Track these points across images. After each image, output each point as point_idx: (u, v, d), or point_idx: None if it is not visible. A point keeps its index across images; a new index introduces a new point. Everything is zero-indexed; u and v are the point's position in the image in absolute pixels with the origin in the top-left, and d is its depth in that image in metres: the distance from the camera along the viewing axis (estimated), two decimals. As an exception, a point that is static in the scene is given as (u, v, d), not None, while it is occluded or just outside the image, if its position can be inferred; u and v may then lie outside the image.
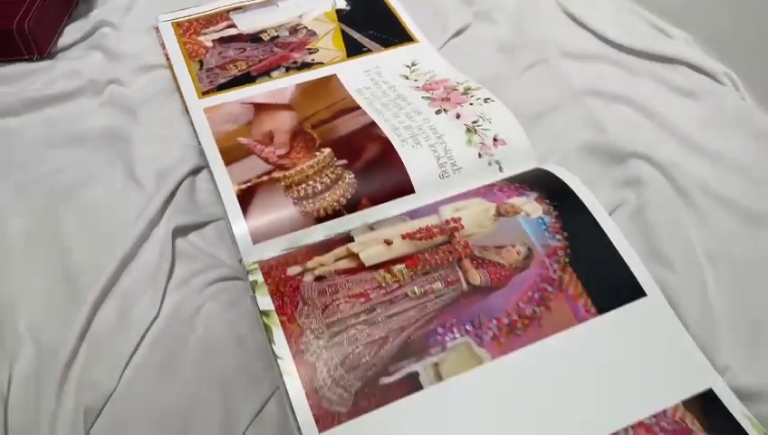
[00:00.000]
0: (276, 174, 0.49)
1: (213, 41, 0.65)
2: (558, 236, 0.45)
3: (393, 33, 0.65)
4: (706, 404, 0.38)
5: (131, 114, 0.57)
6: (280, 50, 0.64)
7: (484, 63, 0.61)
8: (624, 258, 0.44)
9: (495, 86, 0.57)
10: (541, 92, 0.58)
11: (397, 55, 0.63)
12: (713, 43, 0.59)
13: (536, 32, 0.63)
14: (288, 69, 0.61)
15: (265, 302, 0.42)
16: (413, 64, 0.61)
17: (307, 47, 0.64)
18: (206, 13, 0.69)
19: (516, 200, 0.47)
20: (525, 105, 0.56)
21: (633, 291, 0.42)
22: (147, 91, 0.60)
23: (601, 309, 0.42)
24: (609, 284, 0.43)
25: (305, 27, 0.66)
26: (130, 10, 0.69)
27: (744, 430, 0.37)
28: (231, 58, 0.63)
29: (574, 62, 0.60)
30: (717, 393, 0.38)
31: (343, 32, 0.66)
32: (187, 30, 0.67)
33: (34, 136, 0.55)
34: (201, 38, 0.66)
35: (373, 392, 0.38)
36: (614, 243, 0.44)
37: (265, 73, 0.60)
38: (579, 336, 0.41)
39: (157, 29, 0.67)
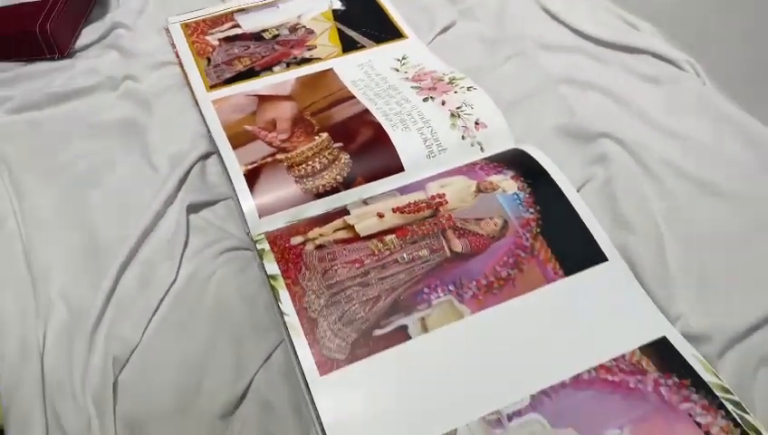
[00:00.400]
0: (279, 156, 0.55)
1: (219, 40, 0.70)
2: (531, 210, 0.50)
3: (385, 31, 0.70)
4: (660, 348, 0.43)
5: (146, 107, 0.62)
6: (281, 47, 0.69)
7: (468, 56, 0.67)
8: (589, 228, 0.49)
9: (478, 76, 0.62)
10: (519, 81, 0.63)
11: (388, 50, 0.68)
12: (677, 34, 0.64)
13: (516, 27, 0.68)
14: (288, 64, 0.67)
15: (272, 267, 0.47)
16: (403, 58, 0.67)
17: (306, 44, 0.69)
18: (213, 14, 0.75)
19: (495, 178, 0.52)
20: (505, 93, 0.61)
21: (596, 256, 0.48)
22: (159, 85, 0.65)
23: (568, 272, 0.47)
24: (575, 250, 0.48)
25: (304, 26, 0.72)
26: (142, 13, 0.74)
27: (692, 367, 0.42)
28: (236, 55, 0.68)
29: (550, 53, 0.65)
30: (670, 339, 0.44)
31: (339, 30, 0.71)
32: (195, 30, 0.72)
33: (58, 127, 0.61)
34: (208, 38, 0.71)
35: (367, 342, 0.43)
36: (580, 215, 0.50)
37: (268, 68, 0.66)
38: (548, 294, 0.46)
39: (167, 30, 0.72)
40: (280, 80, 0.64)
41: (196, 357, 0.44)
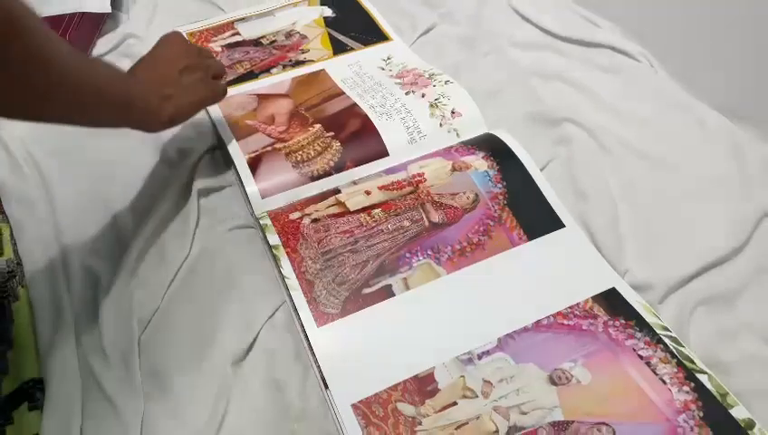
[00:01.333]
0: (278, 145, 0.62)
1: (221, 47, 0.78)
2: (499, 185, 0.57)
3: (371, 34, 0.78)
4: (610, 297, 0.50)
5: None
6: (278, 51, 0.76)
7: (448, 55, 0.74)
8: (548, 200, 0.56)
9: (456, 72, 0.69)
10: (493, 75, 0.70)
11: (375, 52, 0.75)
12: (633, 29, 0.72)
13: (490, 28, 0.75)
14: (285, 66, 0.74)
15: (274, 238, 0.54)
16: (388, 58, 0.74)
17: (300, 48, 0.76)
18: (215, 24, 0.82)
19: (468, 158, 0.59)
20: (480, 86, 0.68)
21: (555, 223, 0.55)
22: (169, 88, 0.72)
23: (531, 237, 0.54)
24: (536, 219, 0.55)
25: (298, 32, 0.79)
26: (151, 23, 0.82)
27: (636, 311, 0.48)
28: (237, 60, 0.76)
29: (520, 50, 0.73)
30: (618, 289, 0.50)
31: (330, 34, 0.78)
32: (199, 39, 0.80)
33: (80, 129, 0.68)
34: (211, 45, 0.78)
35: (357, 299, 0.50)
36: (541, 189, 0.57)
37: (266, 71, 0.73)
38: (513, 256, 0.53)
39: None
40: (277, 80, 0.71)
41: (208, 317, 0.51)
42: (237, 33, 0.80)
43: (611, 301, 0.50)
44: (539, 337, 0.48)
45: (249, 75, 0.73)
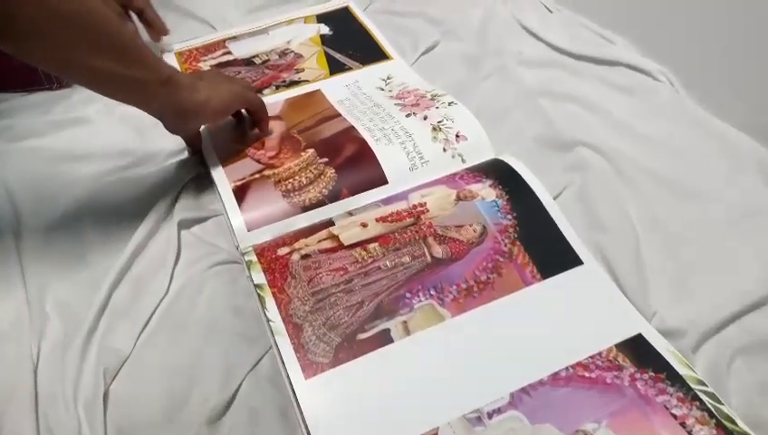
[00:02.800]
0: (267, 172, 0.57)
1: (211, 66, 0.73)
2: (508, 216, 0.52)
3: (370, 53, 0.73)
4: (636, 344, 0.44)
5: (141, 132, 0.65)
6: (270, 71, 0.72)
7: (451, 74, 0.69)
8: (564, 234, 0.51)
9: (460, 92, 0.65)
10: (499, 96, 0.66)
11: (373, 71, 0.71)
12: (651, 46, 0.67)
13: (496, 45, 0.71)
14: (278, 87, 0.69)
15: (259, 277, 0.49)
16: (388, 78, 0.69)
17: (295, 67, 0.72)
18: (205, 42, 0.78)
19: (474, 187, 0.54)
20: (486, 107, 0.63)
21: (572, 260, 0.49)
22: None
23: (545, 275, 0.48)
24: (551, 255, 0.50)
25: (293, 51, 0.75)
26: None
27: (667, 361, 0.43)
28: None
29: (528, 68, 0.68)
30: (645, 335, 0.45)
31: (326, 53, 0.74)
32: (189, 58, 0.75)
33: (57, 153, 0.63)
34: (200, 64, 0.74)
35: (351, 346, 0.45)
36: (556, 221, 0.51)
37: (258, 92, 0.68)
38: (526, 297, 0.47)
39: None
40: (270, 101, 0.67)
41: (185, 366, 0.45)
42: (229, 53, 0.75)
43: (638, 349, 0.44)
44: (557, 393, 0.42)
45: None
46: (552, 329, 0.46)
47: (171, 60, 0.75)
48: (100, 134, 0.65)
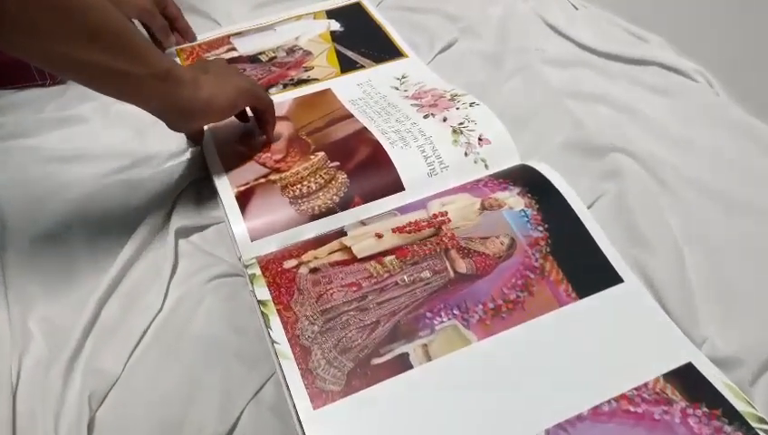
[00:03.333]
0: (273, 176, 0.52)
1: (215, 62, 0.69)
2: (539, 228, 0.47)
3: (384, 51, 0.69)
4: (687, 375, 0.39)
5: (138, 131, 0.60)
6: (277, 69, 0.67)
7: (470, 73, 0.65)
8: (601, 248, 0.46)
9: (481, 93, 0.60)
10: (523, 97, 0.61)
11: (387, 69, 0.66)
12: (687, 44, 0.62)
13: (518, 42, 0.66)
14: (285, 86, 0.65)
15: (263, 292, 0.44)
16: (403, 77, 0.65)
17: (303, 65, 0.67)
18: (209, 38, 0.73)
19: (500, 195, 0.49)
20: (509, 109, 0.58)
21: (611, 277, 0.44)
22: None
23: (581, 294, 0.43)
24: (588, 271, 0.45)
25: (301, 48, 0.70)
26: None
27: (722, 395, 0.38)
28: None
29: (554, 68, 0.63)
30: (696, 365, 0.40)
31: (337, 50, 0.69)
32: (191, 55, 0.71)
33: (48, 154, 0.59)
34: (204, 60, 0.69)
35: (365, 372, 0.40)
36: (592, 233, 0.47)
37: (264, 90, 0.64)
38: (561, 319, 0.43)
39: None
40: (277, 100, 0.62)
41: (179, 392, 0.41)
42: (233, 49, 0.71)
43: (689, 381, 0.39)
44: (598, 429, 0.37)
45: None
46: (591, 356, 0.41)
47: (172, 57, 0.70)
48: (94, 134, 0.60)
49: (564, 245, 0.46)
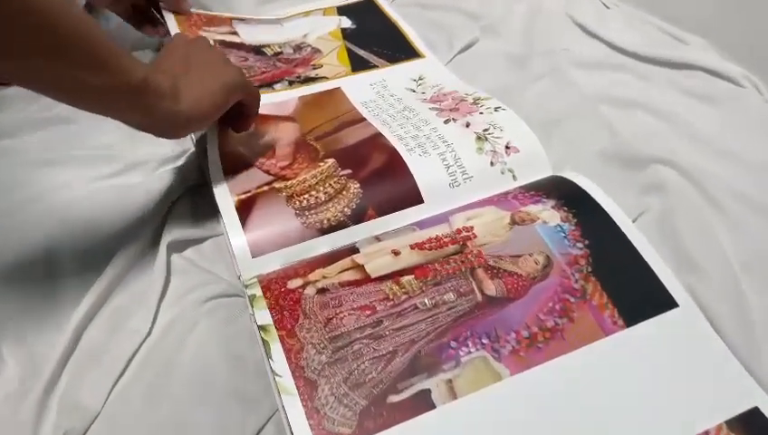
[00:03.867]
0: (278, 184, 0.47)
1: (215, 41, 0.63)
2: (578, 245, 0.42)
3: (399, 50, 0.64)
4: (753, 422, 0.34)
5: (129, 135, 0.54)
6: (283, 65, 0.62)
7: (494, 76, 0.60)
8: (652, 267, 0.40)
9: (506, 97, 0.55)
10: (552, 101, 0.56)
11: (403, 70, 0.61)
12: (730, 46, 0.57)
13: (545, 43, 0.61)
14: (291, 82, 0.60)
15: (263, 316, 0.39)
16: (420, 78, 0.60)
17: (311, 63, 0.62)
18: (209, 13, 0.68)
19: (532, 208, 0.44)
20: (537, 114, 0.53)
21: (663, 301, 0.39)
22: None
23: (630, 321, 0.38)
24: (636, 294, 0.39)
25: (309, 45, 0.65)
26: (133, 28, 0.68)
27: (798, 450, 0.32)
28: None
29: (585, 70, 0.58)
30: (764, 410, 0.34)
31: (348, 49, 0.64)
32: (189, 21, 0.65)
33: (31, 157, 0.54)
34: (203, 33, 0.64)
35: (380, 412, 0.34)
36: (639, 251, 0.41)
37: (268, 85, 0.59)
38: (606, 350, 0.37)
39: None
40: (281, 98, 0.57)
41: (167, 430, 0.35)
42: (235, 33, 0.65)
43: (756, 429, 0.34)
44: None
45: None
46: (641, 396, 0.35)
47: (170, 19, 0.64)
48: (82, 135, 0.55)
49: (608, 263, 0.41)
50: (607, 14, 0.63)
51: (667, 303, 0.39)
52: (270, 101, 0.56)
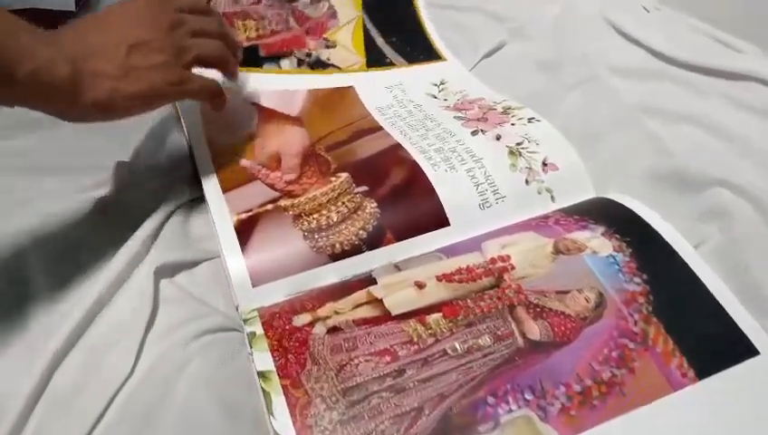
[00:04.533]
0: (284, 202, 0.41)
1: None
2: (636, 279, 0.36)
3: (419, 49, 0.58)
4: None
5: (117, 141, 0.49)
6: (296, 25, 0.57)
7: (523, 83, 0.54)
8: (725, 307, 0.34)
9: (537, 107, 0.49)
10: (590, 112, 0.50)
11: (422, 73, 0.56)
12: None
13: (580, 47, 0.56)
14: (300, 62, 0.54)
15: (264, 360, 0.33)
16: (441, 83, 0.54)
17: (324, 34, 0.57)
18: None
19: (579, 235, 0.38)
20: (573, 126, 0.48)
21: (741, 348, 0.33)
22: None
23: (702, 372, 0.32)
24: (708, 339, 0.33)
25: (328, 2, 0.60)
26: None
27: None
28: (242, 11, 0.56)
29: (626, 78, 0.52)
30: None
31: (365, 28, 0.59)
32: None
33: (7, 165, 0.48)
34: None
35: (404, 485, 0.28)
36: (709, 287, 0.35)
37: (274, 60, 0.53)
38: (675, 408, 0.31)
39: None
40: (287, 85, 0.51)
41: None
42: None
43: None
44: None
45: (252, 54, 0.53)
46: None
47: None
48: (64, 141, 0.49)
49: (671, 302, 0.35)
50: (648, 18, 0.57)
51: (745, 350, 0.33)
52: (275, 87, 0.50)
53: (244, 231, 0.39)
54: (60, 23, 0.61)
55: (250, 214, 0.40)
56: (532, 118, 0.47)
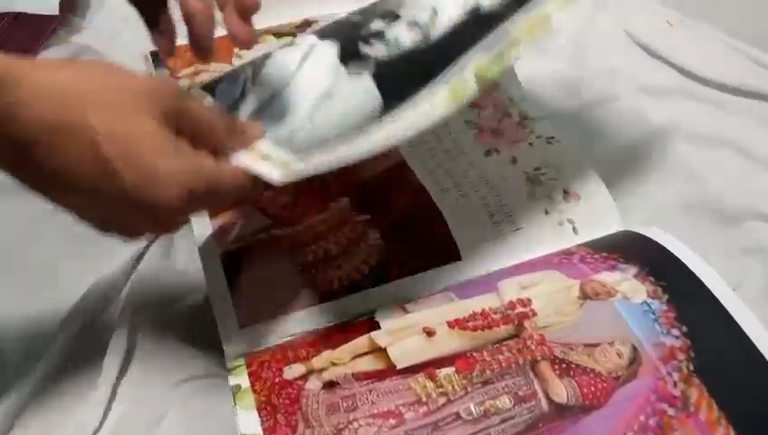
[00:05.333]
0: (276, 231, 0.37)
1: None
2: (674, 332, 0.31)
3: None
4: None
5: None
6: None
7: (540, 101, 0.50)
8: (775, 364, 0.30)
9: (556, 127, 0.45)
10: (613, 134, 0.46)
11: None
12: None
13: (601, 64, 0.52)
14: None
15: (250, 421, 0.29)
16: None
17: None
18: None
19: (608, 276, 0.34)
20: (595, 150, 0.44)
21: (798, 415, 0.29)
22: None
23: (751, 442, 0.28)
24: (758, 404, 0.29)
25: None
26: (118, 37, 0.58)
27: None
28: None
29: (653, 98, 0.49)
30: None
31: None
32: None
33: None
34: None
35: None
36: (755, 341, 0.31)
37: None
38: (722, 488, 0.27)
39: (148, 57, 0.56)
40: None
41: None
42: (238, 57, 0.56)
43: None
44: None
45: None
46: None
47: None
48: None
49: (717, 359, 0.30)
50: (672, 32, 0.54)
51: (803, 419, 0.29)
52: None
53: (232, 264, 0.35)
54: (44, 27, 0.58)
55: (239, 245, 0.36)
56: (551, 138, 0.43)
